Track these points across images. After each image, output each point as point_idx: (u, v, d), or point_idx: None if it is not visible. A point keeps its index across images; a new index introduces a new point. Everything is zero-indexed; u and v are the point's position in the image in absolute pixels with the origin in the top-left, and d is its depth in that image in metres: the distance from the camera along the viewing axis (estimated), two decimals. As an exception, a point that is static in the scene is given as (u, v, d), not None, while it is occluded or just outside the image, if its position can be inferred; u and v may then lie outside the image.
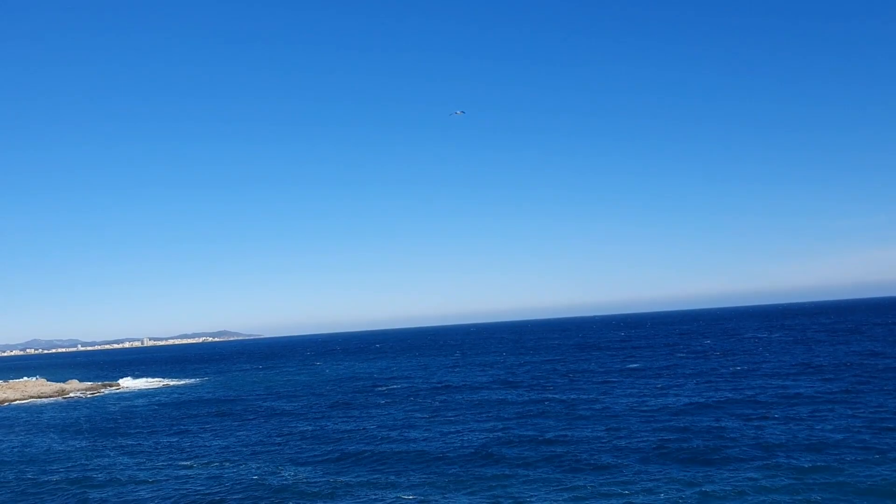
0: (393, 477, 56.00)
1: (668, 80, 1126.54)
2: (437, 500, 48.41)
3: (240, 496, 53.30)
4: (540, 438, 67.18)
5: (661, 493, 46.59)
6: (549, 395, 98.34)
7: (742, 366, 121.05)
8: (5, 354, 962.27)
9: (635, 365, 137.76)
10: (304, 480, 56.71)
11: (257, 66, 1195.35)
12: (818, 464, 50.75)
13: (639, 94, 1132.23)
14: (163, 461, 69.63)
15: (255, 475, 59.99)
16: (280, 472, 60.31)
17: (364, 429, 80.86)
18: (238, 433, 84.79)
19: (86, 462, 74.69)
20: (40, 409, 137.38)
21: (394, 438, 73.20)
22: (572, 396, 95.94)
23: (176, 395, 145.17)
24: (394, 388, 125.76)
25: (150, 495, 56.02)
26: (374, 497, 50.44)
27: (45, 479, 65.71)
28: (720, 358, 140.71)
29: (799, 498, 43.66)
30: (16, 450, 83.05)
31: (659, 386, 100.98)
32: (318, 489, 53.71)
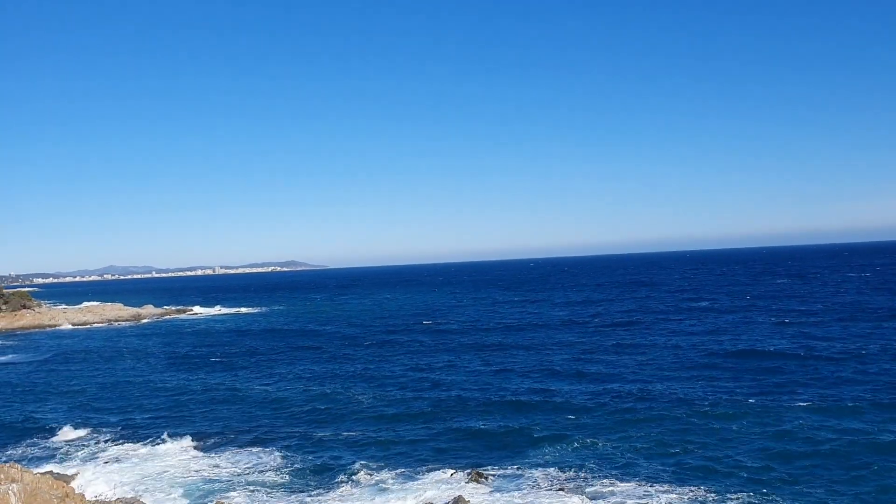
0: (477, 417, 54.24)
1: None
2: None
3: (312, 421, 52.31)
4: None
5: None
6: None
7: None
8: (84, 279, 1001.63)
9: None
10: (372, 409, 55.43)
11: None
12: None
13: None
14: (233, 383, 69.55)
15: (329, 401, 59.06)
16: (357, 399, 59.21)
17: (437, 364, 79.46)
18: (307, 361, 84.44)
19: (153, 377, 76.10)
20: (117, 331, 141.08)
21: (482, 374, 71.57)
22: (672, 339, 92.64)
23: (246, 323, 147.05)
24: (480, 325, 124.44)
25: (208, 409, 55.91)
26: (451, 424, 48.79)
27: (112, 389, 66.81)
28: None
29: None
30: (96, 366, 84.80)
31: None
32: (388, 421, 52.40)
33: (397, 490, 37.81)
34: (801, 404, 50.47)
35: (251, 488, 39.28)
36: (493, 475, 38.95)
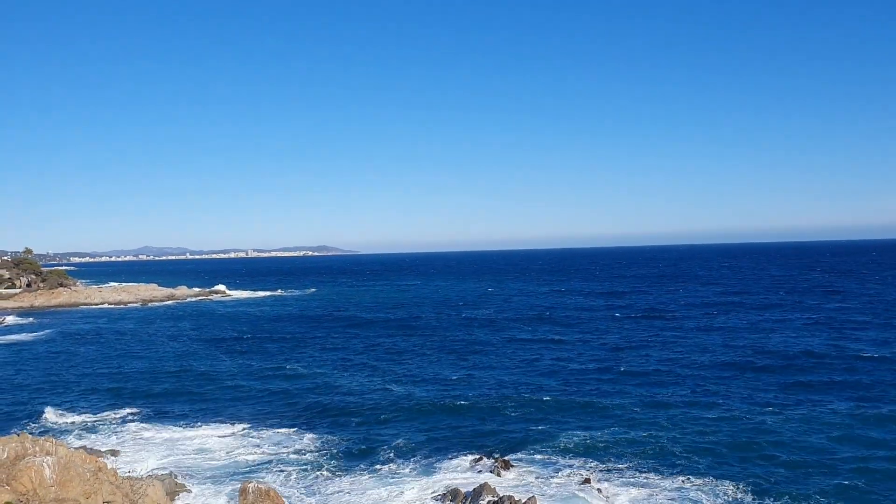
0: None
1: None
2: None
3: (346, 406, 52.61)
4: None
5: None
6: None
7: None
8: (119, 259, 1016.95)
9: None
10: (408, 397, 55.61)
11: None
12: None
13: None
14: (266, 366, 70.17)
15: (363, 387, 59.39)
16: (389, 386, 59.48)
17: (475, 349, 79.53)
18: (340, 346, 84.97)
19: (187, 358, 77.03)
20: (152, 311, 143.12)
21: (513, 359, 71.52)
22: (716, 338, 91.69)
23: (279, 306, 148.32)
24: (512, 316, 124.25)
25: (242, 391, 56.53)
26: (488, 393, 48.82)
27: (148, 369, 67.72)
28: None
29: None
30: (130, 346, 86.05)
31: None
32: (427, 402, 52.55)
33: (425, 475, 37.94)
34: (839, 405, 49.71)
35: (283, 469, 39.65)
36: (520, 464, 38.89)
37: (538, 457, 39.94)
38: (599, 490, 34.53)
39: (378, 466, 39.60)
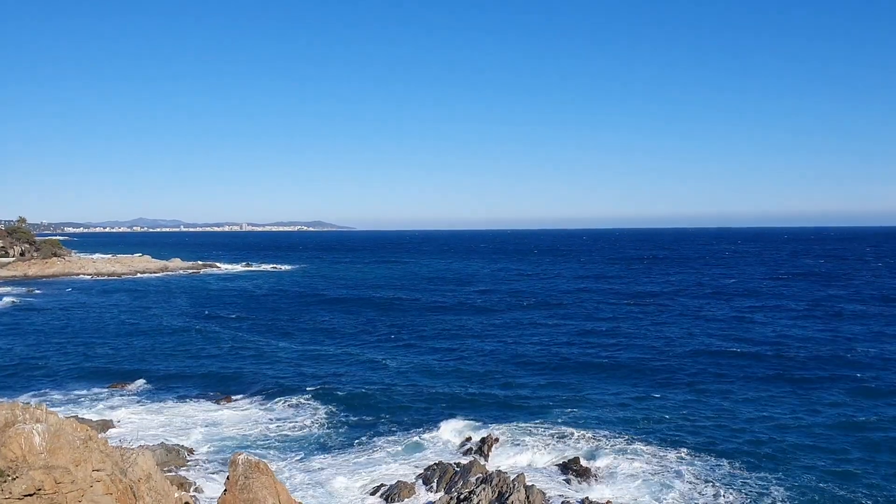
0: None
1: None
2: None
3: (340, 379, 52.82)
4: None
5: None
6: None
7: None
8: (113, 230, 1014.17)
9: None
10: (383, 363, 55.86)
11: None
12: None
13: None
14: (259, 340, 70.31)
15: (357, 362, 59.62)
16: (383, 361, 59.74)
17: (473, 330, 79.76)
18: (334, 322, 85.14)
19: (180, 329, 77.13)
20: (145, 282, 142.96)
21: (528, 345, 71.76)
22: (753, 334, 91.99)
23: (272, 280, 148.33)
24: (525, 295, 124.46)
25: (236, 363, 56.60)
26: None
27: (141, 340, 67.73)
28: None
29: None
30: (123, 317, 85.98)
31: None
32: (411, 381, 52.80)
33: (415, 451, 38.27)
34: (831, 389, 50.11)
35: (273, 442, 39.92)
36: (508, 441, 39.09)
37: (527, 436, 40.13)
38: (587, 468, 34.81)
39: (368, 441, 39.87)
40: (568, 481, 33.77)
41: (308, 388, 51.57)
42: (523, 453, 37.18)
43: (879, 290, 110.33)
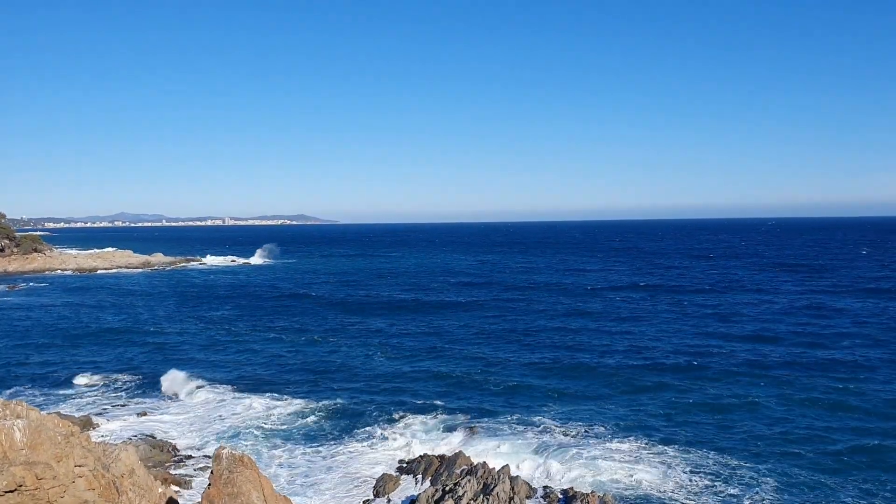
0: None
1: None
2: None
3: (325, 373, 52.77)
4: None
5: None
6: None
7: None
8: (95, 226, 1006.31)
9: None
10: (362, 358, 55.88)
11: None
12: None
13: None
14: (244, 333, 70.04)
15: (342, 355, 59.56)
16: (369, 354, 59.70)
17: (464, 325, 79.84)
18: (319, 315, 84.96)
19: (165, 325, 76.57)
20: (127, 277, 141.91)
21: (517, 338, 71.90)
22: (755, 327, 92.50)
23: (255, 275, 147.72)
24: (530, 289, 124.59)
25: (220, 358, 56.41)
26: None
27: (125, 337, 67.28)
28: None
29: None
30: (106, 313, 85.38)
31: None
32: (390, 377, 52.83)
33: (401, 443, 38.28)
34: (820, 377, 50.61)
35: (258, 436, 39.79)
36: (494, 432, 39.22)
37: (513, 426, 40.31)
38: (571, 460, 34.96)
39: (353, 435, 39.89)
40: (552, 473, 33.90)
41: (292, 383, 51.52)
42: (508, 445, 37.29)
43: (861, 282, 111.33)
